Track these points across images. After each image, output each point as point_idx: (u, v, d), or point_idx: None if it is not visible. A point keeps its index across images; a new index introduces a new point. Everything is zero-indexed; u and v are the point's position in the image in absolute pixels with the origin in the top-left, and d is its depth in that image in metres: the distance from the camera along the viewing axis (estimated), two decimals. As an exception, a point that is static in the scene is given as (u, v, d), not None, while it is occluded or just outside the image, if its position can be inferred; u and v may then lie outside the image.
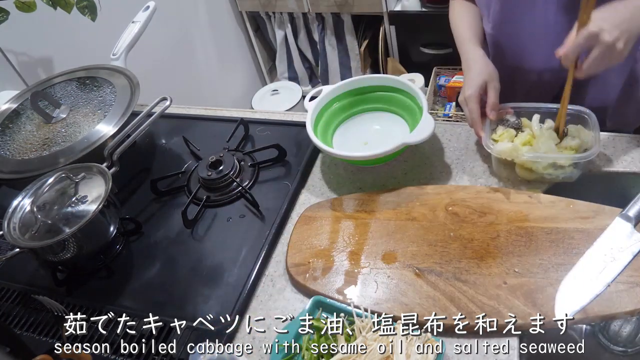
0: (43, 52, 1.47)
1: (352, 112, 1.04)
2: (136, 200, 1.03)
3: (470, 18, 0.99)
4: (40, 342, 0.82)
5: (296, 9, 2.29)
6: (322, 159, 1.02)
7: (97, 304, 0.85)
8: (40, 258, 0.90)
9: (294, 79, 2.63)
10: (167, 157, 1.13)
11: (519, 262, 0.74)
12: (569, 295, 0.68)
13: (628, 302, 0.67)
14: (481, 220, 0.80)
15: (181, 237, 0.93)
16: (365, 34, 2.39)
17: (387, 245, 0.81)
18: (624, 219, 0.74)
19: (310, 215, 0.89)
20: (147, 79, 1.20)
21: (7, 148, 1.03)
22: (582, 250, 0.73)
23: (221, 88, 2.40)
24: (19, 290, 0.91)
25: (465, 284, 0.73)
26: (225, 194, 0.98)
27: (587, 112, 0.84)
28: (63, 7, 1.22)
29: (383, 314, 0.71)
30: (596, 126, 0.82)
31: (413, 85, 0.97)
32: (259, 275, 0.84)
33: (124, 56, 1.19)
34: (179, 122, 1.20)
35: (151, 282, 0.87)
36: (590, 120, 0.83)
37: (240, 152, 1.06)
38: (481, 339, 0.69)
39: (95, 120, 1.02)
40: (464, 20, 0.99)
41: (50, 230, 0.84)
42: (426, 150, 0.97)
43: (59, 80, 1.16)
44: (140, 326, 0.80)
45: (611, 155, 0.87)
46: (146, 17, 1.22)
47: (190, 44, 2.16)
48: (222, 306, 0.80)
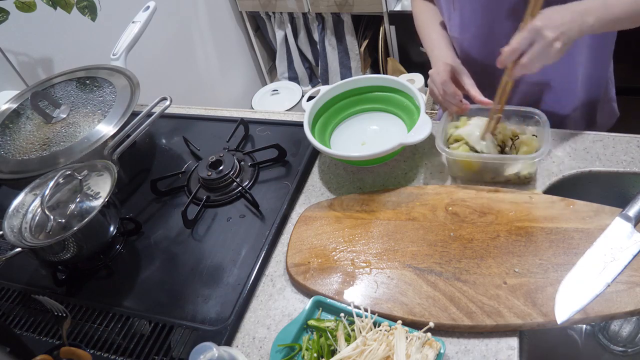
0: (43, 52, 1.47)
1: (350, 112, 1.04)
2: (136, 200, 1.03)
3: (434, 20, 1.02)
4: (40, 342, 0.82)
5: (296, 9, 2.29)
6: (322, 159, 1.02)
7: (97, 304, 0.85)
8: (40, 258, 0.90)
9: (294, 79, 2.63)
10: (167, 157, 1.13)
11: (519, 262, 0.74)
12: (568, 295, 0.68)
13: (628, 302, 0.67)
14: (481, 220, 0.80)
15: (181, 237, 0.93)
16: (365, 34, 2.39)
17: (387, 245, 0.81)
18: (624, 219, 0.74)
19: (310, 215, 0.89)
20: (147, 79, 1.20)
21: (7, 148, 1.03)
22: (582, 250, 0.73)
23: (221, 88, 2.40)
24: (19, 290, 0.91)
25: (465, 284, 0.73)
26: (225, 194, 0.98)
27: (537, 112, 0.86)
28: (63, 7, 1.22)
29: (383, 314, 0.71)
30: (547, 126, 0.83)
31: (411, 86, 0.97)
32: (259, 275, 0.84)
33: (124, 56, 1.19)
34: (179, 122, 1.20)
35: (151, 282, 0.87)
36: (540, 120, 0.85)
37: (240, 152, 1.06)
38: (481, 339, 0.69)
39: (95, 120, 1.02)
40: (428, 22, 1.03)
41: (65, 228, 0.84)
42: (426, 150, 0.97)
43: (59, 80, 1.16)
44: (140, 326, 0.81)
45: (611, 155, 0.87)
46: (146, 17, 1.22)
47: (190, 44, 2.16)
48: (222, 306, 0.80)
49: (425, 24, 1.03)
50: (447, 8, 0.97)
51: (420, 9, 1.05)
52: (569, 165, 0.87)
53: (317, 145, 0.91)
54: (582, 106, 1.01)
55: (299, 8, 2.28)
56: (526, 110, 0.87)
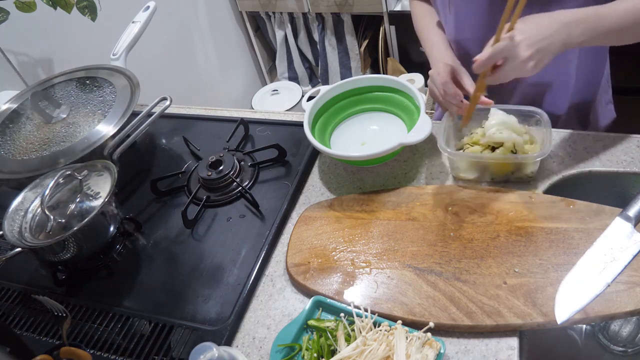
0: (43, 52, 1.47)
1: (349, 112, 1.04)
2: (136, 200, 1.03)
3: (433, 21, 1.02)
4: (40, 342, 0.82)
5: (296, 9, 2.30)
6: (322, 159, 1.02)
7: (97, 304, 0.85)
8: (40, 258, 0.90)
9: (294, 79, 2.63)
10: (167, 157, 1.13)
11: (519, 262, 0.74)
12: (568, 295, 0.68)
13: (628, 302, 0.67)
14: (481, 220, 0.80)
15: (181, 237, 0.93)
16: (365, 34, 2.39)
17: (387, 245, 0.81)
18: (624, 219, 0.74)
19: (310, 215, 0.89)
20: (147, 79, 1.20)
21: (7, 148, 1.03)
22: (582, 250, 0.73)
23: (221, 88, 2.40)
24: (19, 290, 0.91)
25: (465, 284, 0.73)
26: (225, 194, 0.98)
27: (539, 112, 0.85)
28: (63, 7, 1.22)
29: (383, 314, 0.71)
30: (548, 125, 0.83)
31: (411, 86, 0.97)
32: (259, 275, 0.84)
33: (124, 56, 1.19)
34: (179, 122, 1.20)
35: (151, 282, 0.87)
36: (542, 120, 0.84)
37: (240, 152, 1.06)
38: (481, 339, 0.69)
39: (95, 120, 1.02)
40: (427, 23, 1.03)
41: (65, 228, 0.84)
42: (426, 150, 0.97)
43: (59, 80, 1.16)
44: (140, 326, 0.80)
45: (611, 155, 0.87)
46: (146, 17, 1.22)
47: (190, 44, 2.16)
48: (222, 306, 0.80)
49: (424, 25, 1.03)
50: (442, 10, 0.97)
51: (419, 10, 1.06)
52: (569, 165, 0.87)
53: (317, 145, 0.91)
54: (576, 106, 1.01)
55: (299, 8, 2.28)
56: (527, 110, 0.86)
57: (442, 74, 0.86)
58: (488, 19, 0.90)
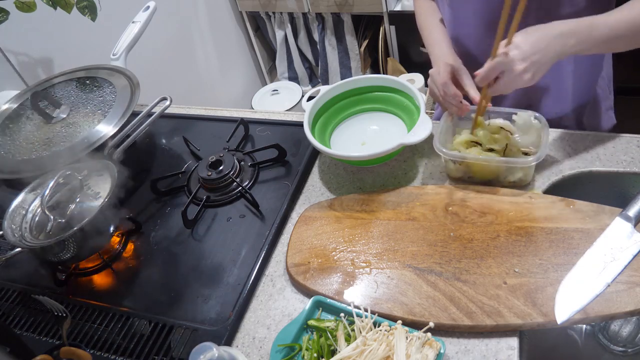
0: (43, 52, 1.47)
1: (349, 112, 1.04)
2: (136, 200, 1.03)
3: (436, 18, 1.03)
4: (40, 342, 0.82)
5: (296, 9, 2.29)
6: (322, 159, 1.02)
7: (97, 304, 0.85)
8: (40, 258, 0.90)
9: (294, 79, 2.63)
10: (167, 157, 1.13)
11: (519, 262, 0.74)
12: (568, 295, 0.68)
13: (628, 302, 0.67)
14: (481, 220, 0.80)
15: (181, 237, 0.93)
16: (365, 34, 2.39)
17: (387, 245, 0.81)
18: (624, 219, 0.74)
19: (310, 215, 0.89)
20: (147, 79, 1.20)
21: (7, 148, 1.03)
22: (582, 250, 0.73)
23: (221, 88, 2.40)
24: (19, 290, 0.91)
25: (465, 284, 0.73)
26: (225, 194, 0.98)
27: (537, 115, 0.86)
28: (63, 7, 1.22)
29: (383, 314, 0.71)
30: (545, 128, 0.84)
31: (411, 86, 0.97)
32: (259, 275, 0.84)
33: (124, 56, 1.19)
34: (179, 122, 1.20)
35: (151, 282, 0.87)
36: (540, 122, 0.85)
37: (240, 152, 1.06)
38: (481, 339, 0.69)
39: (95, 120, 1.02)
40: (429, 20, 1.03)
41: (65, 228, 0.84)
42: (426, 150, 0.97)
43: (59, 80, 1.16)
44: (140, 326, 0.80)
45: (611, 155, 0.87)
46: (146, 17, 1.22)
47: (190, 44, 2.16)
48: (222, 306, 0.80)
49: (427, 23, 1.03)
50: (442, 6, 0.98)
51: (422, 7, 1.06)
52: (569, 165, 0.87)
53: (317, 145, 0.91)
54: (574, 110, 1.01)
55: (299, 8, 2.28)
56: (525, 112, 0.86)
57: (442, 74, 0.86)
58: (484, 16, 0.90)
